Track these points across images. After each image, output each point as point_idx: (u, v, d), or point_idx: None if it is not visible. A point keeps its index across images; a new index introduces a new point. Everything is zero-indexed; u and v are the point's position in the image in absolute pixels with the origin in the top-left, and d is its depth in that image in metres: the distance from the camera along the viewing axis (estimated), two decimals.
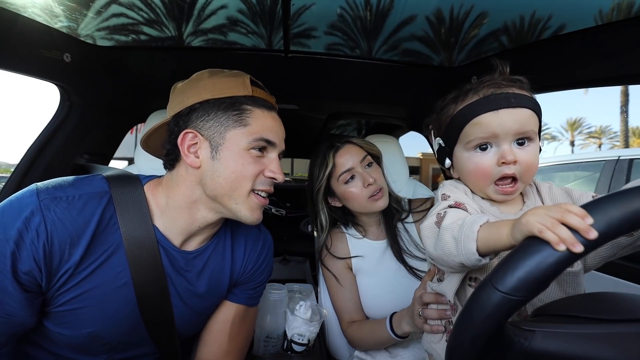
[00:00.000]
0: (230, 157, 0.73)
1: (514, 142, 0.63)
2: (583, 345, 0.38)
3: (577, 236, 0.34)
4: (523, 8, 0.97)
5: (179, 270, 0.79)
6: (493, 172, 0.64)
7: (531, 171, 0.64)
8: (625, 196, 0.34)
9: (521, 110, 0.62)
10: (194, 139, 0.73)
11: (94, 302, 0.70)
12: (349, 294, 1.14)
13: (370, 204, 1.07)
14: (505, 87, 0.64)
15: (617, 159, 2.44)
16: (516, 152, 0.63)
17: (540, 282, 0.33)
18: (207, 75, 0.77)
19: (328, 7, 1.04)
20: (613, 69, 0.92)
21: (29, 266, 0.63)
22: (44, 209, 0.64)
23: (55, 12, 1.00)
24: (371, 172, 1.10)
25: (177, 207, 0.76)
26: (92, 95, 1.26)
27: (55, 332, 0.71)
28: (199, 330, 0.92)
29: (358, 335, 1.08)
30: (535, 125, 0.64)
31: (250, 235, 0.93)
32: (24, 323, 0.67)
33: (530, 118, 0.63)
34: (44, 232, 0.63)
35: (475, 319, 0.36)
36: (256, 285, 0.94)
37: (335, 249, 1.18)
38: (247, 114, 0.74)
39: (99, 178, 0.76)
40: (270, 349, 1.19)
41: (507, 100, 0.62)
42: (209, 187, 0.73)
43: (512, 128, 0.62)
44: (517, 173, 0.63)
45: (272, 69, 1.40)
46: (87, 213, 0.68)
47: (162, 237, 0.76)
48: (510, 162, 0.62)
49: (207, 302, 0.87)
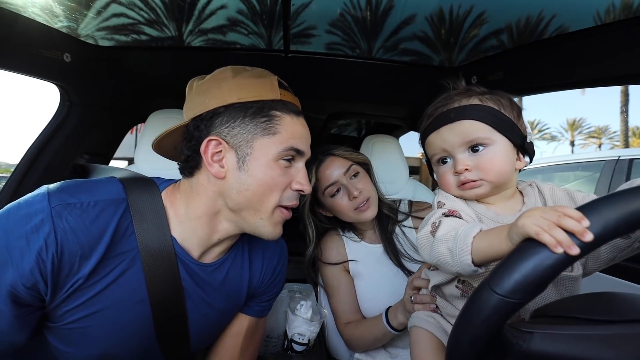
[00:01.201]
0: (258, 167, 0.67)
1: (468, 150, 0.68)
2: (581, 347, 0.38)
3: (573, 239, 0.34)
4: (523, 8, 0.97)
5: (197, 284, 0.73)
6: (453, 181, 0.70)
7: (491, 172, 0.66)
8: (621, 197, 0.34)
9: (461, 122, 0.67)
10: (217, 147, 0.67)
11: (106, 321, 0.64)
12: (346, 296, 1.14)
13: (358, 215, 1.07)
14: (451, 103, 0.69)
15: (617, 159, 2.44)
16: (470, 159, 0.67)
17: (538, 284, 0.33)
18: (230, 74, 0.70)
19: (328, 6, 1.04)
20: (613, 69, 0.92)
21: (33, 280, 0.56)
22: (55, 216, 0.57)
23: (55, 12, 1.00)
24: (357, 183, 1.08)
25: (197, 217, 0.70)
26: (92, 95, 1.26)
27: (62, 351, 0.65)
28: (211, 344, 0.89)
29: (355, 334, 1.08)
30: (484, 130, 0.66)
31: (268, 246, 0.89)
32: (13, 341, 0.60)
33: (472, 127, 0.66)
34: (53, 244, 0.56)
35: (473, 321, 0.36)
36: (270, 297, 0.91)
37: (331, 253, 1.18)
38: (277, 121, 0.69)
39: (114, 182, 0.70)
40: (271, 348, 1.20)
41: (447, 117, 0.68)
42: (234, 199, 0.68)
43: (455, 141, 0.68)
44: (475, 177, 0.67)
45: (272, 69, 1.39)
46: (101, 222, 0.62)
47: (180, 249, 0.70)
48: (461, 171, 0.67)
49: (224, 316, 0.83)
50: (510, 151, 0.68)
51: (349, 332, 1.10)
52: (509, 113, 0.68)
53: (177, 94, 1.45)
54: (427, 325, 0.77)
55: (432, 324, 0.76)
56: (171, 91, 1.47)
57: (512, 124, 0.67)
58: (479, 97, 0.69)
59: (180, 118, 1.30)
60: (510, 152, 0.68)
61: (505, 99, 0.70)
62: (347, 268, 1.16)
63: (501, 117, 0.67)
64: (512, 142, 0.67)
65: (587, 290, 0.60)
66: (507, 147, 0.67)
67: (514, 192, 0.72)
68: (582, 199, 0.66)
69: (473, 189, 0.68)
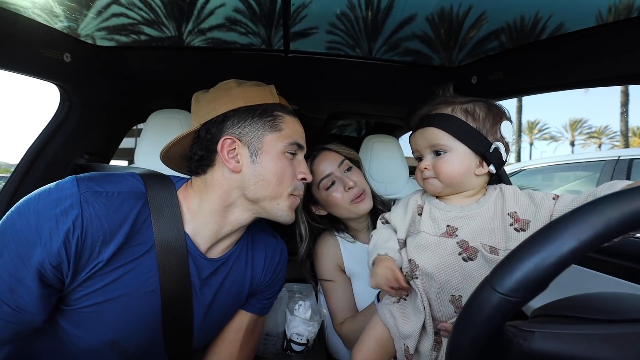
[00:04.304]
0: (269, 160, 0.76)
1: (432, 153, 0.78)
2: (582, 346, 0.38)
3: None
4: (523, 8, 0.97)
5: (204, 279, 0.78)
6: (419, 175, 0.82)
7: (442, 173, 0.76)
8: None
9: (428, 129, 0.78)
10: (232, 145, 0.75)
11: (119, 308, 0.68)
12: (343, 296, 1.14)
13: (354, 207, 1.07)
14: (433, 109, 0.79)
15: (617, 159, 2.44)
16: (432, 161, 0.78)
17: (539, 283, 0.33)
18: (235, 84, 0.81)
19: (328, 6, 1.04)
20: (613, 69, 0.92)
21: (59, 260, 0.60)
22: (84, 202, 0.62)
23: (55, 12, 1.00)
24: (351, 175, 1.09)
25: (210, 211, 0.76)
26: (92, 95, 1.26)
27: (71, 333, 0.68)
28: (211, 341, 0.91)
29: (353, 327, 1.07)
30: (445, 138, 0.75)
31: (269, 244, 0.93)
32: (32, 321, 0.63)
33: (435, 134, 0.76)
34: (80, 226, 0.61)
35: (474, 320, 0.36)
36: (271, 295, 0.94)
37: (326, 254, 1.18)
38: (280, 120, 0.79)
39: (135, 176, 0.75)
40: (271, 347, 1.19)
41: (420, 122, 0.80)
42: (251, 190, 0.75)
43: (422, 144, 0.80)
44: (430, 175, 0.79)
45: (272, 69, 1.40)
46: (123, 212, 0.67)
47: (190, 243, 0.75)
48: (422, 169, 0.79)
49: (226, 312, 0.86)
50: (468, 158, 0.75)
51: (347, 328, 1.10)
52: (480, 123, 0.75)
53: (177, 94, 1.46)
54: (387, 322, 0.82)
55: (391, 324, 0.81)
56: (171, 91, 1.47)
57: (476, 134, 0.74)
58: (453, 107, 0.77)
59: (180, 118, 1.31)
60: (468, 159, 0.76)
61: (482, 110, 0.76)
62: (343, 268, 1.16)
63: (465, 127, 0.75)
64: (473, 151, 0.75)
65: (587, 290, 0.60)
66: (465, 154, 0.75)
67: (475, 193, 0.79)
68: (541, 199, 0.70)
69: (429, 185, 0.80)
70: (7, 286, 0.60)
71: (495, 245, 0.70)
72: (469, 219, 0.74)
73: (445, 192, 0.79)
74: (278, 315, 1.22)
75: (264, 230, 0.96)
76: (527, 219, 0.69)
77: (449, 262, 0.72)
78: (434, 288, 0.75)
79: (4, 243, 0.60)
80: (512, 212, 0.71)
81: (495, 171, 0.76)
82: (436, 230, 0.76)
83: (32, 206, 0.61)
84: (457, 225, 0.74)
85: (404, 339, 0.77)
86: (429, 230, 0.77)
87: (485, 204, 0.75)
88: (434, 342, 0.75)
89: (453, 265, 0.72)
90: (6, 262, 0.59)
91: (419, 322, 0.75)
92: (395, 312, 0.81)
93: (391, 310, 0.82)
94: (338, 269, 1.16)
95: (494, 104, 0.78)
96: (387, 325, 0.81)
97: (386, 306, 0.84)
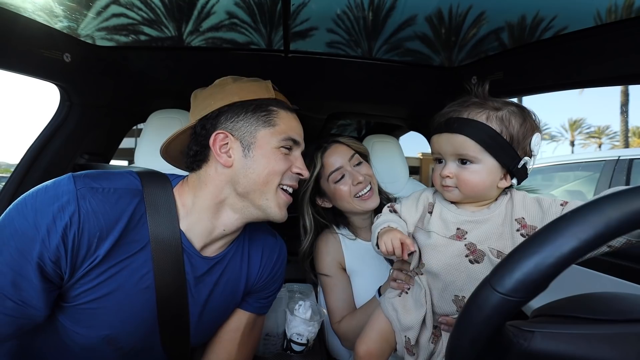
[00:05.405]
0: (262, 155, 0.76)
1: (457, 160, 0.74)
2: (582, 346, 0.38)
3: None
4: (523, 8, 0.97)
5: (199, 277, 0.78)
6: (438, 180, 0.78)
7: (467, 186, 0.73)
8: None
9: (457, 136, 0.72)
10: (224, 140, 0.75)
11: (115, 304, 0.68)
12: (342, 294, 1.13)
13: (360, 203, 1.07)
14: (462, 111, 0.73)
15: (617, 159, 2.44)
16: (456, 169, 0.74)
17: (539, 283, 0.33)
18: (231, 80, 0.81)
19: (328, 6, 1.04)
20: (613, 69, 0.92)
21: (57, 255, 0.61)
22: (80, 198, 0.63)
23: (55, 12, 1.00)
24: (361, 169, 1.09)
25: (203, 207, 0.76)
26: (92, 95, 1.26)
27: (71, 330, 0.69)
28: (209, 339, 0.91)
29: (352, 324, 1.07)
30: (474, 150, 0.71)
31: (267, 243, 0.93)
32: (35, 316, 0.64)
33: (464, 143, 0.71)
34: (76, 222, 0.62)
35: (474, 320, 0.36)
36: (269, 294, 0.94)
37: (326, 251, 1.18)
38: (274, 115, 0.78)
39: (132, 174, 0.76)
40: (271, 347, 1.19)
41: (448, 126, 0.73)
42: (241, 183, 0.75)
43: (447, 150, 0.74)
44: (452, 184, 0.75)
45: (272, 68, 1.40)
46: (119, 208, 0.67)
47: (185, 240, 0.76)
48: (444, 176, 0.75)
49: (221, 310, 0.86)
50: (495, 172, 0.72)
51: (345, 325, 1.09)
52: (513, 136, 0.70)
53: (177, 94, 1.46)
54: (389, 315, 0.83)
55: (393, 317, 0.82)
56: (171, 91, 1.47)
57: (507, 148, 0.70)
58: (489, 113, 0.71)
59: (180, 118, 1.31)
60: (494, 173, 0.72)
61: (517, 120, 0.71)
62: (344, 265, 1.16)
63: (498, 140, 0.70)
64: (501, 165, 0.72)
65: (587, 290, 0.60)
66: (492, 168, 0.72)
67: (491, 201, 0.77)
68: (549, 205, 0.70)
69: (448, 192, 0.77)
70: (9, 281, 0.60)
71: (503, 250, 0.70)
72: (479, 223, 0.74)
73: (466, 200, 0.77)
74: (278, 315, 1.22)
75: (263, 229, 0.96)
76: (534, 225, 0.69)
77: (456, 263, 0.73)
78: (439, 286, 0.75)
79: (4, 240, 0.61)
80: (520, 218, 0.71)
81: (517, 184, 0.75)
82: (446, 232, 0.76)
83: (30, 203, 0.62)
84: (467, 229, 0.74)
85: (405, 330, 0.78)
86: (438, 231, 0.77)
87: (497, 210, 0.75)
88: (432, 334, 0.77)
89: (459, 266, 0.72)
90: (7, 258, 0.60)
91: (420, 315, 0.76)
92: (397, 305, 0.82)
93: (393, 304, 0.83)
94: (339, 267, 1.16)
95: (527, 111, 0.73)
96: (389, 317, 0.82)
97: (388, 300, 0.85)
